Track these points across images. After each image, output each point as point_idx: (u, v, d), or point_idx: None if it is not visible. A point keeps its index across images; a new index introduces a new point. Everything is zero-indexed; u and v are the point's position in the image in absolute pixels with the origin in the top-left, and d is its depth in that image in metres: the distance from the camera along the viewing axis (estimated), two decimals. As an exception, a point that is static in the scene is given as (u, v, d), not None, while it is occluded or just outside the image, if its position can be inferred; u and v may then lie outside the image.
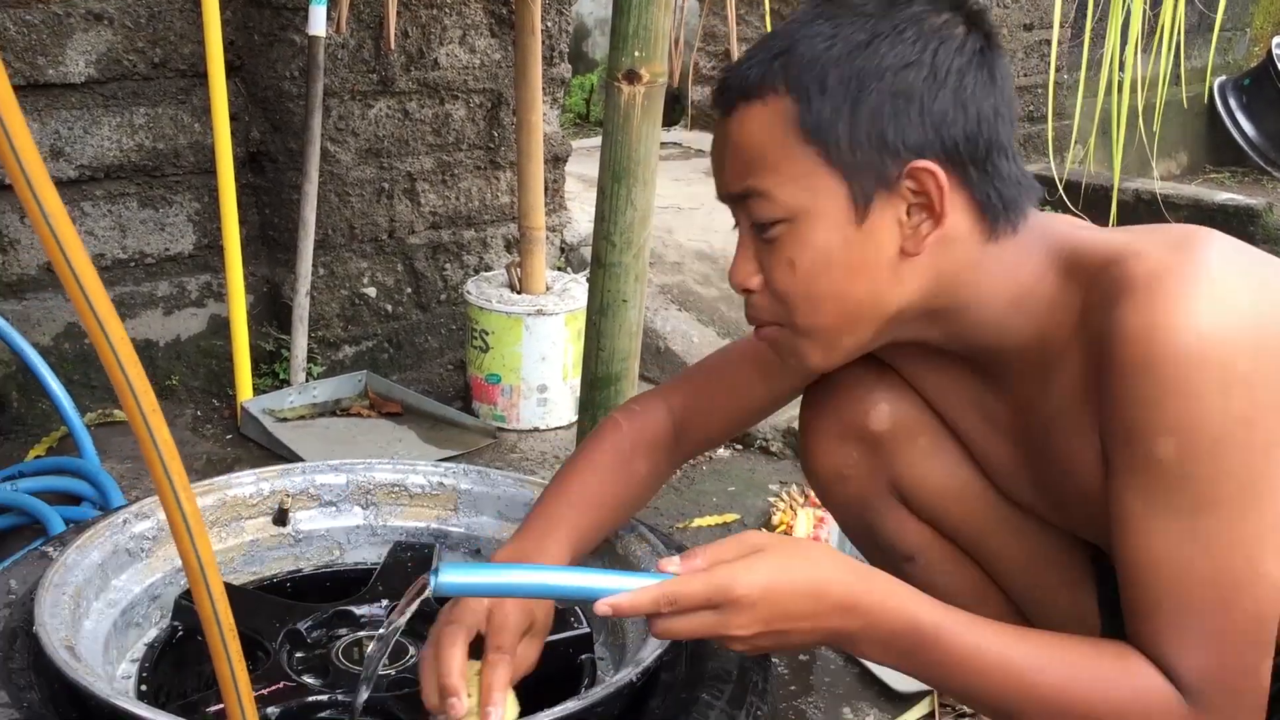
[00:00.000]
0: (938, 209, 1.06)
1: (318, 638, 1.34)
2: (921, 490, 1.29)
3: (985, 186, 1.08)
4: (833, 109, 1.04)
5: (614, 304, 2.00)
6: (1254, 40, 6.60)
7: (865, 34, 1.05)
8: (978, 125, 1.06)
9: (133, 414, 0.76)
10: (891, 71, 1.04)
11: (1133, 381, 0.99)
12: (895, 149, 1.05)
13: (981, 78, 1.07)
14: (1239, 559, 0.99)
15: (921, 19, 1.06)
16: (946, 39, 1.06)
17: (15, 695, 1.10)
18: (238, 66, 2.80)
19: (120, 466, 2.48)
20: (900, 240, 1.07)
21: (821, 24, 1.07)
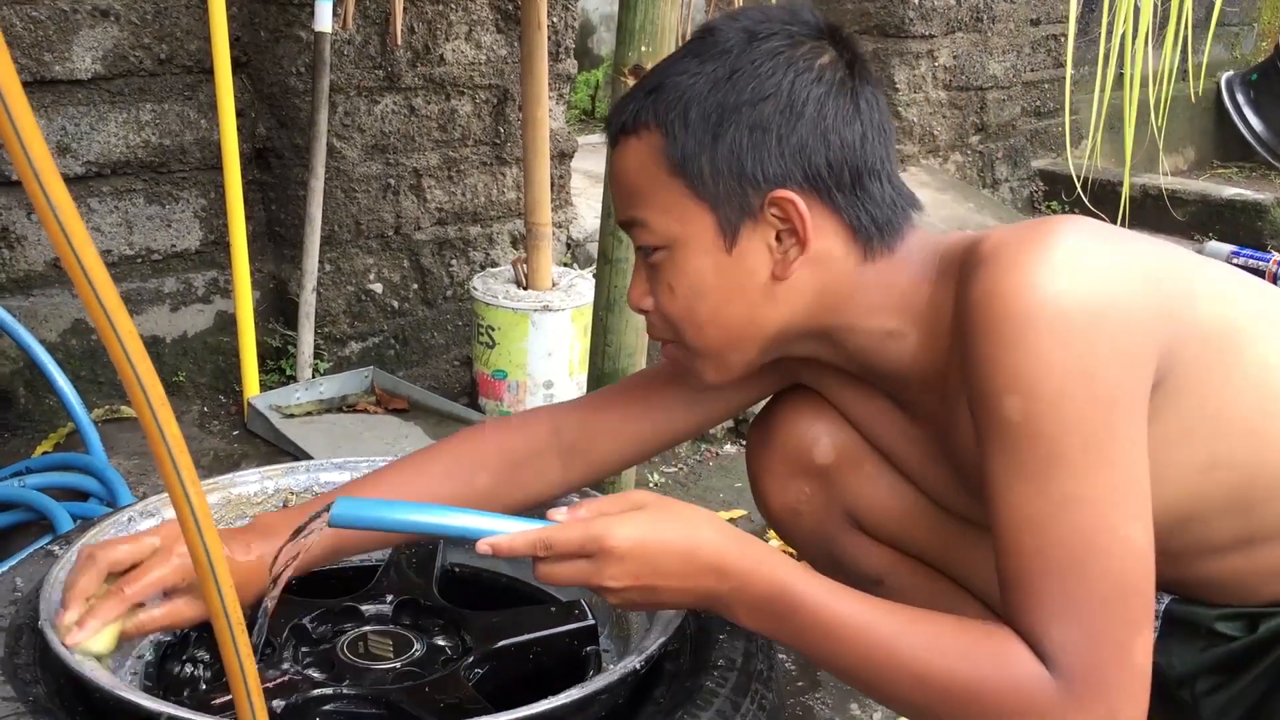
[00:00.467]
0: (801, 235, 1.10)
1: (323, 633, 1.34)
2: (874, 514, 1.33)
3: (855, 210, 1.11)
4: (695, 142, 1.09)
5: (620, 300, 2.00)
6: (1261, 35, 6.58)
7: (725, 69, 1.10)
8: (841, 152, 1.10)
9: (141, 409, 0.76)
10: (749, 105, 1.09)
11: (978, 345, 1.02)
12: (755, 180, 1.09)
13: (843, 105, 1.10)
14: (1091, 520, 0.97)
15: (779, 52, 1.10)
16: (803, 70, 1.10)
17: (21, 690, 1.10)
18: (244, 63, 2.81)
19: (127, 463, 2.48)
20: (771, 265, 1.12)
21: (689, 60, 1.12)
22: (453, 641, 1.32)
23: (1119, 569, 0.97)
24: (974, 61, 4.74)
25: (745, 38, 1.11)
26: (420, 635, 1.32)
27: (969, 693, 0.99)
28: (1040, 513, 0.99)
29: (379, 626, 1.34)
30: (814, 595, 1.04)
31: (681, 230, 1.12)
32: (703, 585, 1.06)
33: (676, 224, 1.12)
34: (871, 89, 1.14)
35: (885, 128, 1.14)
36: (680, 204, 1.11)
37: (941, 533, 1.30)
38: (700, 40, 1.14)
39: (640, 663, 1.13)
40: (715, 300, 1.14)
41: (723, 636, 1.25)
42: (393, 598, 1.38)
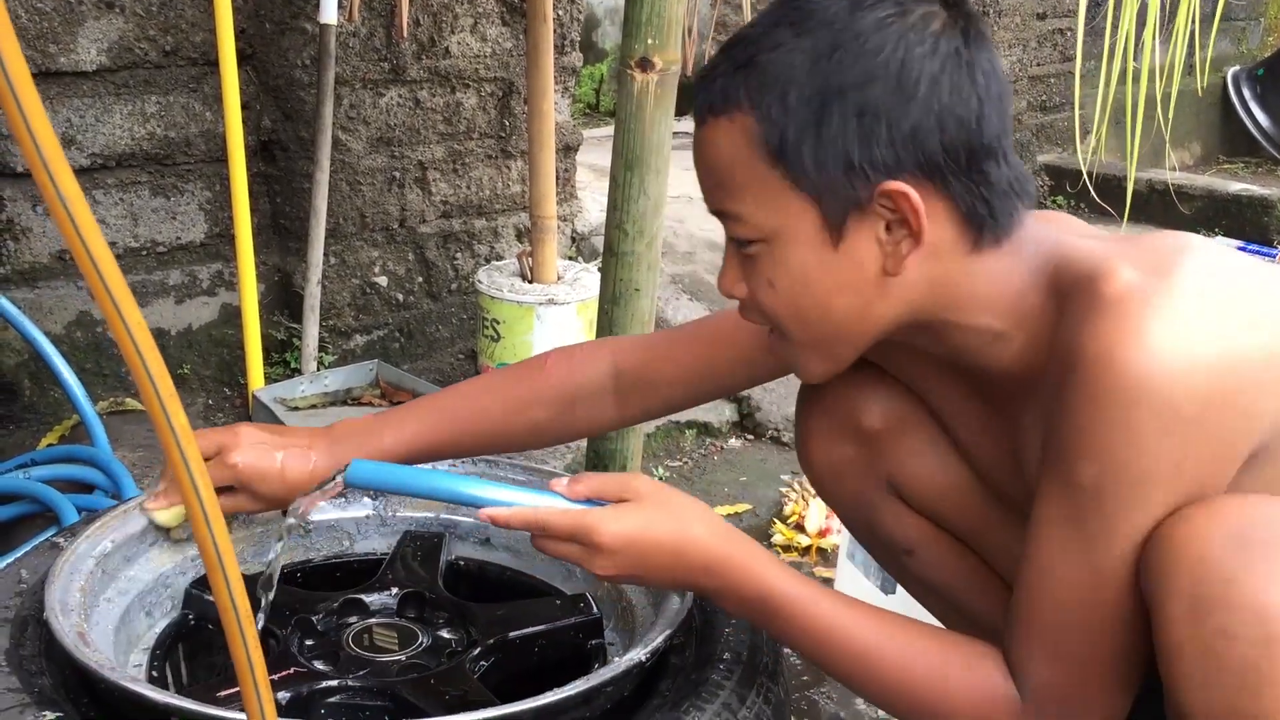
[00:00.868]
0: (916, 227, 1.01)
1: (328, 625, 1.34)
2: (916, 485, 1.30)
3: (970, 197, 1.02)
4: (796, 130, 1.00)
5: (626, 293, 2.00)
6: (1268, 30, 6.57)
7: (827, 44, 0.99)
8: (957, 133, 1.00)
9: (150, 399, 0.76)
10: (855, 87, 0.98)
11: (1078, 403, 0.98)
12: (864, 171, 1.00)
13: (960, 80, 1.00)
14: (1117, 593, 0.99)
15: (888, 23, 0.99)
16: (916, 43, 0.99)
17: (26, 681, 1.10)
18: (249, 55, 2.80)
19: (132, 455, 2.48)
20: (881, 258, 1.04)
21: (783, 32, 1.01)
22: (457, 634, 1.32)
23: (1131, 640, 1.00)
24: (980, 56, 4.73)
25: (848, 6, 1.00)
26: (425, 628, 1.32)
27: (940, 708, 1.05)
28: (1073, 572, 1.00)
29: (384, 619, 1.34)
30: (797, 599, 1.08)
31: (781, 223, 1.03)
32: (688, 580, 1.11)
33: (775, 217, 1.03)
34: (988, 55, 1.03)
35: (1003, 98, 1.03)
36: (779, 195, 1.02)
37: (983, 512, 1.27)
38: (793, 6, 1.02)
39: (645, 655, 1.13)
40: (821, 296, 1.06)
41: (728, 630, 1.25)
42: (398, 590, 1.38)
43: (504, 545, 1.50)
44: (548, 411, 1.37)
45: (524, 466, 1.45)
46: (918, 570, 1.34)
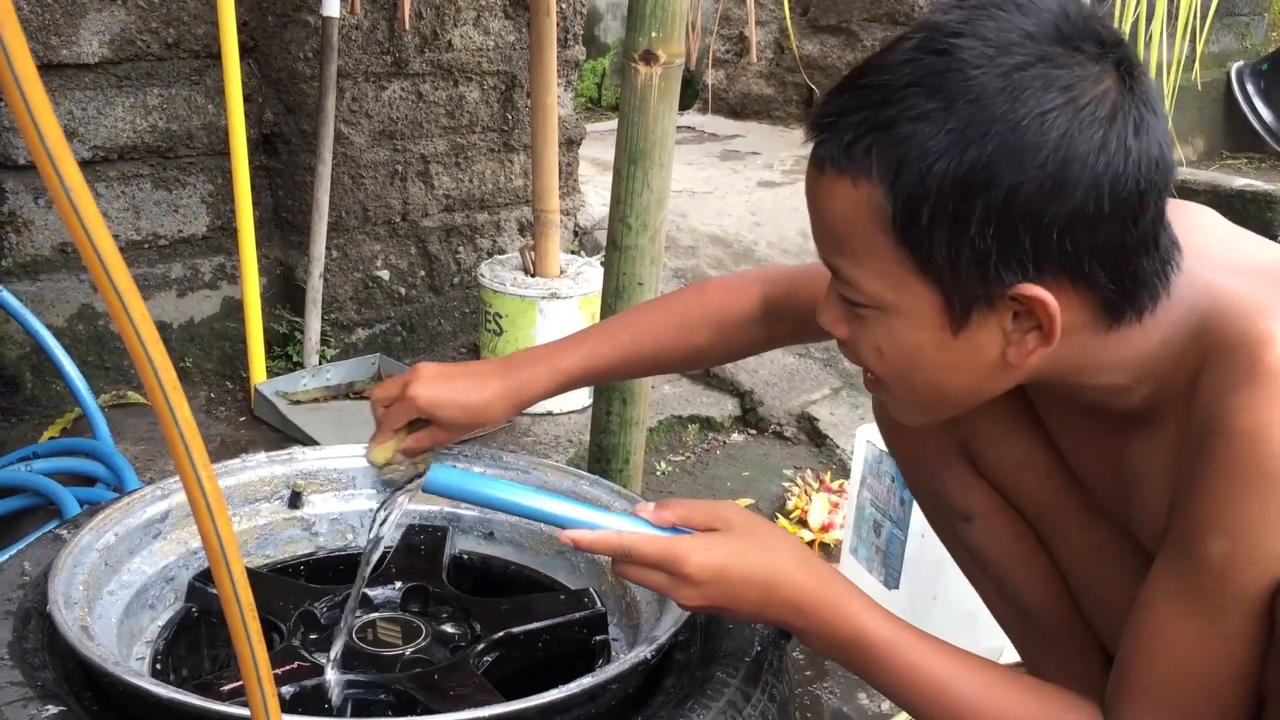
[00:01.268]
0: (1047, 329, 0.94)
1: (332, 620, 1.33)
2: (994, 452, 1.23)
3: (1115, 290, 0.95)
4: (929, 217, 0.90)
5: (630, 287, 1.99)
6: (1272, 25, 6.55)
7: (980, 129, 0.88)
8: (1110, 233, 0.91)
9: (153, 391, 0.75)
10: (1003, 185, 0.88)
11: (1219, 477, 0.93)
12: (999, 273, 0.92)
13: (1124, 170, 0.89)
14: (1230, 666, 0.98)
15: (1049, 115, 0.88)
16: (1080, 141, 0.88)
17: (30, 675, 1.09)
18: (251, 47, 2.79)
19: (135, 448, 2.48)
20: (1003, 346, 0.97)
21: (932, 99, 0.89)
22: (461, 629, 1.31)
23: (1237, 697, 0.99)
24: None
25: (1004, 83, 0.88)
26: (429, 622, 1.32)
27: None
28: (1193, 641, 0.98)
29: (388, 613, 1.34)
30: (893, 646, 1.05)
31: (898, 301, 0.96)
32: (776, 616, 1.07)
33: (892, 294, 0.96)
34: (1157, 121, 0.92)
35: (1167, 174, 0.93)
36: (899, 274, 0.95)
37: (1058, 494, 1.21)
38: (943, 67, 0.90)
39: (651, 652, 1.13)
40: (933, 374, 1.01)
41: (733, 626, 1.24)
42: (401, 584, 1.38)
43: (507, 539, 1.50)
44: (707, 335, 1.40)
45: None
46: (973, 539, 1.29)
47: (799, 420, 2.93)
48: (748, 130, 5.04)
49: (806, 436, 2.90)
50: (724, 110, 5.31)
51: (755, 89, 5.20)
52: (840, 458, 2.78)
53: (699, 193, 3.99)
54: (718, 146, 4.78)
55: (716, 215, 3.82)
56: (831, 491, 2.55)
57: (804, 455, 2.84)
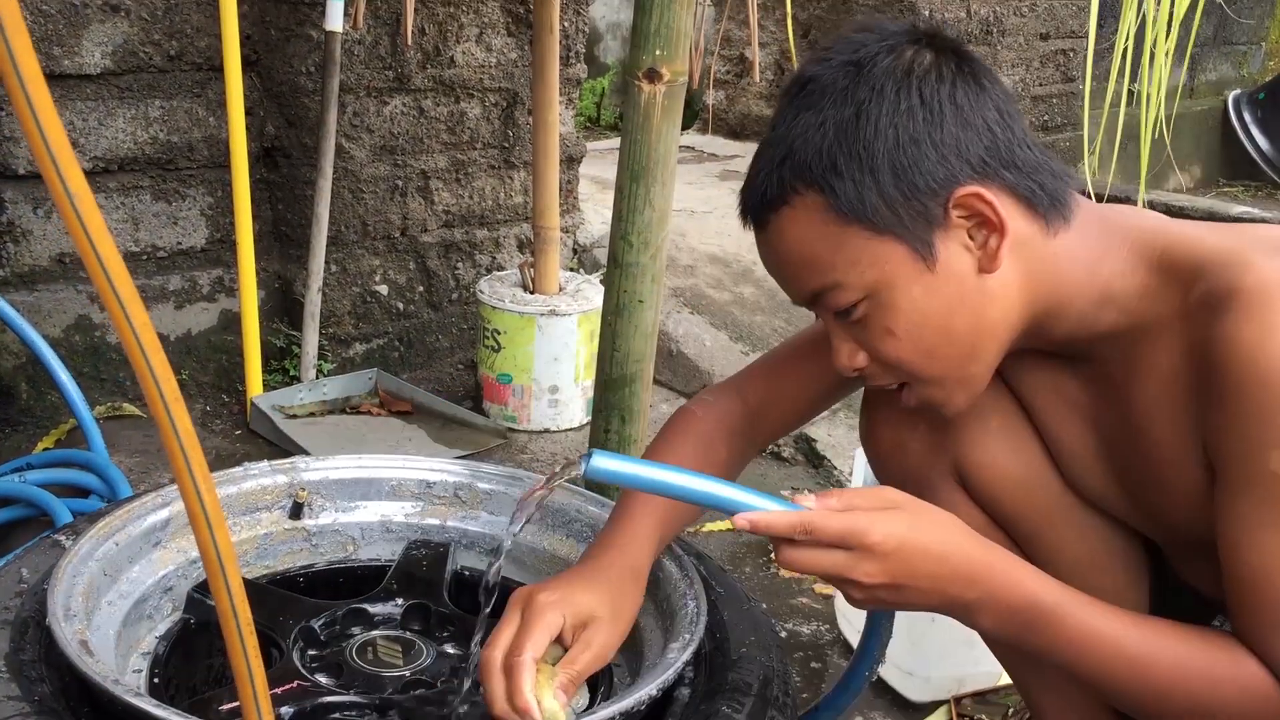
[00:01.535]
0: (996, 220, 1.08)
1: (332, 636, 1.32)
2: (984, 473, 1.27)
3: (1024, 182, 1.10)
4: (855, 184, 1.07)
5: (630, 304, 1.99)
6: (1269, 54, 6.58)
7: (850, 107, 1.07)
8: (991, 135, 1.09)
9: (154, 402, 0.75)
10: (891, 129, 1.07)
11: (1246, 396, 1.00)
12: (931, 190, 1.07)
13: (971, 91, 1.09)
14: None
15: (891, 70, 1.08)
16: (922, 75, 1.08)
17: (26, 688, 1.08)
18: (254, 61, 2.79)
19: (129, 460, 2.46)
20: (975, 262, 1.10)
21: (805, 115, 1.09)
22: (463, 650, 1.30)
23: None
24: (983, 74, 4.74)
25: (850, 71, 1.09)
26: (429, 641, 1.31)
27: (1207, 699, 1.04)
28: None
29: (388, 631, 1.33)
30: (1063, 607, 1.06)
31: (879, 272, 1.09)
32: (950, 591, 1.06)
33: (870, 270, 1.09)
34: (983, 67, 1.12)
35: (1008, 95, 1.12)
36: (866, 248, 1.08)
37: (1051, 507, 1.26)
38: (803, 93, 1.11)
39: (656, 690, 1.11)
40: (939, 322, 1.11)
41: (738, 660, 1.22)
42: (402, 601, 1.36)
43: (510, 557, 1.49)
44: (725, 446, 1.36)
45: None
46: None
47: (796, 441, 2.92)
48: (747, 151, 5.05)
49: (804, 457, 2.90)
50: (724, 131, 5.32)
51: (755, 109, 5.21)
52: (838, 479, 2.77)
53: (698, 212, 4.00)
54: (717, 166, 4.79)
55: (716, 235, 3.82)
56: (829, 513, 2.54)
57: (801, 476, 2.83)
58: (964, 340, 1.12)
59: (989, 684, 1.94)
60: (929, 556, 1.05)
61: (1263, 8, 6.30)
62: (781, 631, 2.15)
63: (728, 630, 1.27)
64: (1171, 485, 1.13)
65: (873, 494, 1.08)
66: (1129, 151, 4.80)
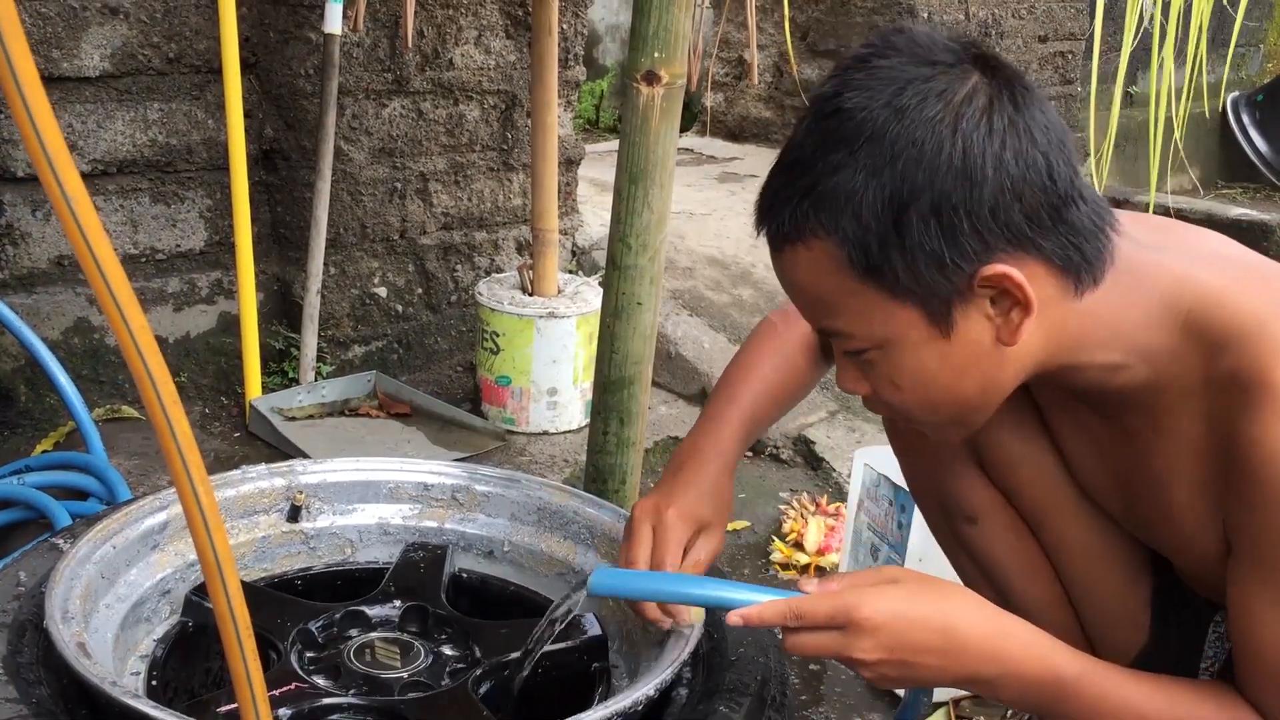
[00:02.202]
0: (1024, 299, 1.01)
1: (329, 638, 1.32)
2: (1000, 452, 1.26)
3: (1062, 249, 1.03)
4: (878, 245, 1.00)
5: (629, 306, 1.99)
6: (1268, 56, 6.59)
7: (884, 154, 0.99)
8: (1034, 196, 1.00)
9: (152, 404, 0.75)
10: (924, 190, 0.98)
11: (1267, 496, 1.00)
12: (956, 265, 1.00)
13: (1021, 146, 0.99)
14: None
15: (936, 120, 0.98)
16: (970, 130, 0.98)
17: (24, 691, 1.08)
18: (253, 63, 2.79)
19: (128, 462, 2.46)
20: (994, 331, 1.04)
21: (838, 152, 1.00)
22: (460, 651, 1.30)
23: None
24: (981, 77, 4.74)
25: (889, 112, 0.99)
26: (427, 643, 1.31)
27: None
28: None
29: (386, 633, 1.33)
30: (1087, 679, 1.06)
31: (889, 331, 1.04)
32: (967, 668, 1.05)
33: (881, 328, 1.04)
34: (1039, 108, 1.02)
35: (1065, 142, 1.03)
36: (879, 308, 1.03)
37: (1059, 497, 1.25)
38: (837, 123, 1.01)
39: (654, 690, 1.11)
40: (946, 385, 1.07)
41: (735, 660, 1.23)
42: (400, 603, 1.36)
43: (508, 559, 1.49)
44: (805, 358, 1.40)
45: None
46: (976, 541, 1.32)
47: (795, 443, 2.92)
48: (746, 153, 5.05)
49: (803, 459, 2.90)
50: (722, 133, 5.32)
51: (754, 112, 5.21)
52: (836, 481, 2.77)
53: (697, 214, 4.00)
54: (716, 169, 4.79)
55: (715, 237, 3.82)
56: (828, 515, 2.55)
57: (800, 478, 2.83)
58: (970, 399, 1.09)
59: (987, 686, 1.94)
60: (927, 629, 1.03)
61: (1261, 10, 6.30)
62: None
63: (725, 631, 1.27)
64: (1183, 537, 1.13)
65: (874, 573, 1.07)
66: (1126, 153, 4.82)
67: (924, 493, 1.39)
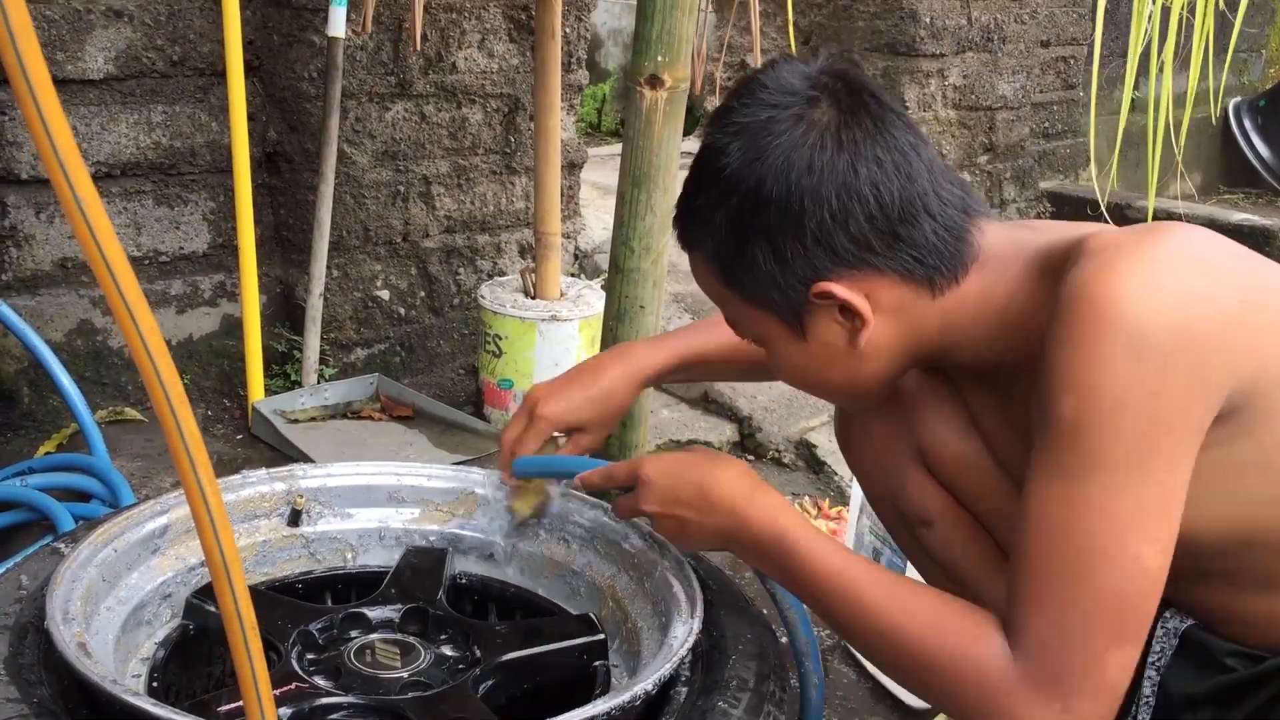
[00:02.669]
0: (857, 312, 1.11)
1: (330, 640, 1.32)
2: (943, 452, 1.31)
3: (900, 263, 1.11)
4: (728, 261, 1.14)
5: (631, 310, 1.99)
6: (1269, 62, 6.59)
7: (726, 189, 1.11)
8: (861, 221, 1.09)
9: (160, 405, 0.75)
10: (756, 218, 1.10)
11: (1055, 337, 1.02)
12: (791, 284, 1.11)
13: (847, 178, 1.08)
14: (1108, 530, 0.98)
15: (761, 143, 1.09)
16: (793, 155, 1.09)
17: (25, 691, 1.08)
18: (256, 66, 2.80)
19: (130, 465, 2.47)
20: (846, 336, 1.14)
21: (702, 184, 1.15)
22: (461, 652, 1.31)
23: (1117, 583, 0.98)
24: (984, 81, 4.74)
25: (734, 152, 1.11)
26: (428, 644, 1.31)
27: (933, 659, 1.04)
28: (1062, 514, 1.00)
29: (387, 634, 1.33)
30: (807, 544, 1.13)
31: (758, 330, 1.18)
32: (717, 522, 1.18)
33: (750, 326, 1.19)
34: (890, 113, 1.12)
35: (903, 157, 1.10)
36: (745, 310, 1.17)
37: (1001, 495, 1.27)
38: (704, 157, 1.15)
39: (651, 686, 1.12)
40: (815, 375, 1.20)
41: (735, 657, 1.23)
42: (401, 605, 1.37)
43: (508, 562, 1.49)
44: None
45: None
46: (933, 544, 1.34)
47: (797, 447, 2.92)
48: (748, 157, 5.05)
49: (805, 463, 2.90)
50: (724, 137, 5.31)
51: (756, 116, 5.21)
52: (838, 484, 2.77)
53: (699, 218, 4.00)
54: (718, 173, 4.79)
55: (716, 241, 3.82)
56: (830, 518, 2.55)
57: (802, 482, 2.83)
58: (842, 388, 1.21)
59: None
60: (689, 484, 1.19)
61: (1263, 16, 6.30)
62: (782, 637, 2.15)
63: (724, 628, 1.28)
64: None
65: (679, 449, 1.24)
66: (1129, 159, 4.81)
67: (878, 499, 1.42)
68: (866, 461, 1.41)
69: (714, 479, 1.18)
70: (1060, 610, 0.99)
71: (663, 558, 1.35)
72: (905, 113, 1.14)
